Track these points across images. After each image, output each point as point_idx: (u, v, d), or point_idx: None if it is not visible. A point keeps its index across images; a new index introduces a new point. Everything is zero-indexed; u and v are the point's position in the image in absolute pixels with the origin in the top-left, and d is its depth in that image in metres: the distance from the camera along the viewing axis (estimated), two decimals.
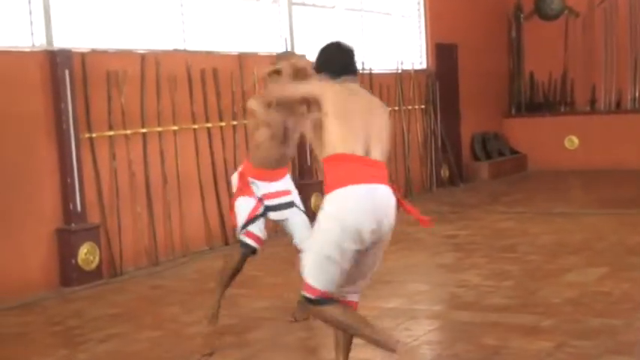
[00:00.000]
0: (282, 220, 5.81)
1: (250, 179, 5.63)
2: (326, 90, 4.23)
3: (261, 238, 5.63)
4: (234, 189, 5.78)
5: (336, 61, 4.46)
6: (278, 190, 5.72)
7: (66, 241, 7.52)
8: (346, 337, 4.26)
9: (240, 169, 5.78)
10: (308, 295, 4.02)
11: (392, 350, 4.02)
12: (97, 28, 8.27)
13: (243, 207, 5.60)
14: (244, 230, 5.55)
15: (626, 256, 7.53)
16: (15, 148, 7.26)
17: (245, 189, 5.64)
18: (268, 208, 5.67)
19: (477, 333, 5.45)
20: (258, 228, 5.60)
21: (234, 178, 5.79)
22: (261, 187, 5.64)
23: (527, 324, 5.56)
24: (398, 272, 7.56)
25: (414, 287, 6.99)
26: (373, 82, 11.92)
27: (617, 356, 4.87)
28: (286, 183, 5.82)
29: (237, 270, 5.63)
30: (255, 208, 5.60)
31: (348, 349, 4.31)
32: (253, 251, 5.60)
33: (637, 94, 14.99)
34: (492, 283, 6.84)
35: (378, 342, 4.08)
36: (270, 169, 5.67)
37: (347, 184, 3.98)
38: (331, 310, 4.05)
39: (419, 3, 13.54)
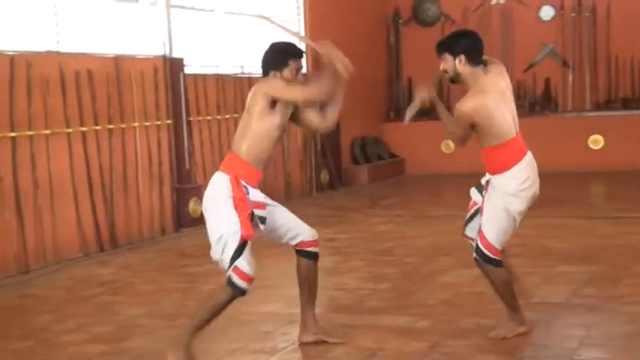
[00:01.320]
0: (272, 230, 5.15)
1: (243, 183, 4.84)
2: None
3: (252, 276, 4.86)
4: (222, 197, 4.82)
5: None
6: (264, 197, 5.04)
7: None
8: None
9: (228, 172, 4.88)
10: (494, 257, 5.07)
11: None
12: None
13: (232, 230, 4.74)
14: (233, 266, 4.78)
15: None
16: None
17: (242, 202, 4.79)
18: (260, 221, 4.95)
19: (354, 335, 5.49)
20: (247, 261, 4.82)
21: (223, 182, 4.85)
22: (252, 196, 4.89)
23: (404, 325, 5.65)
24: (276, 277, 7.55)
25: (292, 292, 6.97)
26: (252, 86, 11.86)
27: (488, 355, 4.99)
28: None
29: (219, 313, 4.95)
30: (247, 231, 4.79)
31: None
32: (243, 293, 4.86)
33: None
34: (370, 285, 6.93)
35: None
36: (260, 169, 5.00)
37: None
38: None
39: (299, 7, 13.61)
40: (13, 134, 8.13)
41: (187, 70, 10.61)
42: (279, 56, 5.08)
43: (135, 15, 10.15)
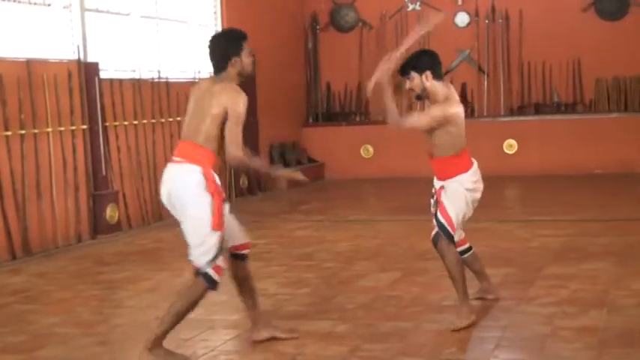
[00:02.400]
0: None
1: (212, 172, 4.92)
2: None
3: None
4: (199, 192, 4.85)
5: None
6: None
7: None
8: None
9: (196, 162, 4.89)
10: (451, 231, 5.58)
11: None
12: None
13: (211, 227, 4.85)
14: (213, 263, 4.91)
15: (417, 261, 7.85)
16: None
17: (218, 195, 4.88)
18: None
19: (274, 341, 5.49)
20: (222, 256, 5.00)
21: (195, 175, 4.86)
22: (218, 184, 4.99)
23: (323, 330, 5.68)
24: None
25: (211, 297, 6.93)
26: (170, 91, 11.84)
27: (407, 357, 5.07)
28: None
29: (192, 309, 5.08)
30: (223, 225, 4.93)
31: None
32: (216, 287, 5.01)
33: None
34: (289, 290, 6.94)
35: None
36: (216, 157, 5.05)
37: None
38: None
39: (215, 12, 13.57)
40: None
41: (103, 75, 10.45)
42: (235, 42, 5.16)
43: (48, 18, 9.97)
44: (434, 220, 5.69)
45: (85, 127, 10.13)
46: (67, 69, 9.89)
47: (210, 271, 4.90)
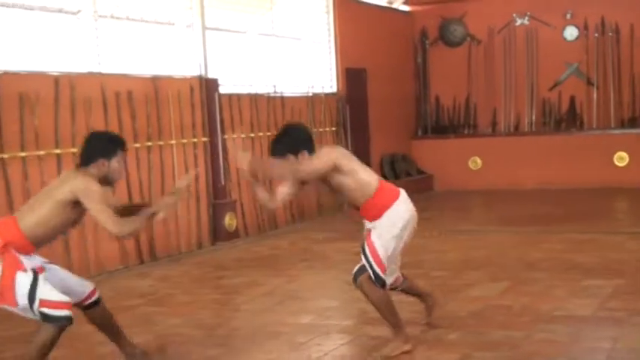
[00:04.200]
0: None
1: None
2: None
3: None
4: None
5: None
6: None
7: None
8: None
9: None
10: (382, 274, 5.17)
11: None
12: (11, 50, 8.11)
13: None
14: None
15: (526, 271, 7.71)
16: None
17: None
18: None
19: (385, 347, 5.49)
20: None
21: None
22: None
23: (434, 337, 5.63)
24: (307, 289, 7.59)
25: (325, 304, 7.01)
26: (285, 105, 12.00)
27: None
28: None
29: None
30: None
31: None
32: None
33: (533, 118, 15.46)
34: (400, 298, 6.87)
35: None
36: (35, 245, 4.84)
37: None
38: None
39: (329, 29, 13.64)
40: (57, 151, 8.25)
41: (222, 90, 10.68)
42: (111, 146, 4.91)
43: (172, 37, 10.25)
44: (362, 257, 5.25)
45: (205, 139, 10.36)
46: (189, 85, 10.15)
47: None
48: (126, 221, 4.80)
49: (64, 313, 4.55)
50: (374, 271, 5.16)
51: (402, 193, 5.34)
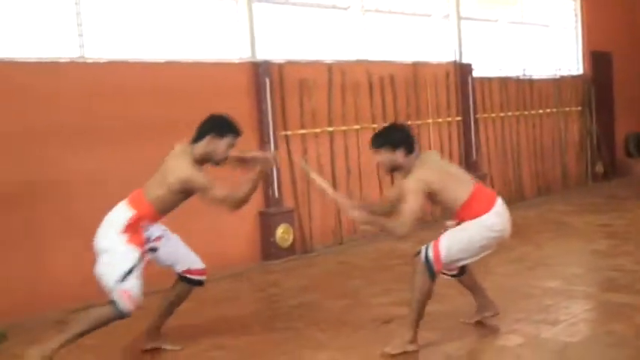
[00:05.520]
0: None
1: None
2: None
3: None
4: None
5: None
6: None
7: (266, 222, 7.69)
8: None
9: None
10: (435, 265, 4.54)
11: None
12: (292, 42, 8.41)
13: None
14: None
15: None
16: None
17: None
18: None
19: (632, 314, 5.11)
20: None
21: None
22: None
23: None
24: (556, 256, 7.26)
25: (570, 270, 6.68)
26: (533, 87, 11.55)
27: None
28: None
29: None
30: None
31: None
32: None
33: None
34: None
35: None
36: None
37: None
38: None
39: (576, 15, 12.94)
40: (330, 129, 8.46)
41: (475, 74, 10.45)
42: (225, 128, 4.75)
43: (430, 27, 10.18)
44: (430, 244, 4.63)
45: (459, 118, 10.20)
46: (445, 70, 10.02)
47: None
48: (234, 193, 4.68)
49: (128, 307, 4.39)
50: (428, 262, 4.56)
51: (497, 205, 4.71)
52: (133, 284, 4.37)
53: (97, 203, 4.97)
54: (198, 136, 4.71)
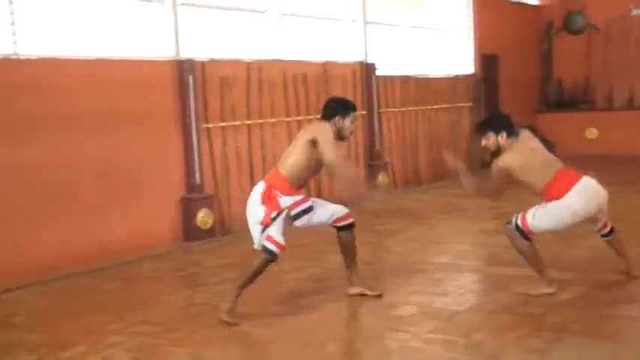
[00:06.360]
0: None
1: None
2: None
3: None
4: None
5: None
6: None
7: (187, 207, 7.64)
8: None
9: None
10: (523, 228, 5.00)
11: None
12: (214, 42, 8.33)
13: None
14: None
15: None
16: (152, 136, 7.38)
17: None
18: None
19: (512, 284, 5.32)
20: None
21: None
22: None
23: (553, 276, 5.34)
24: (448, 235, 7.47)
25: (460, 247, 6.88)
26: (430, 85, 11.79)
27: (624, 304, 4.70)
28: None
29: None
30: None
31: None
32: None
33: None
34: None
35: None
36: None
37: None
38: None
39: (469, 21, 13.23)
40: (248, 122, 8.43)
41: (378, 73, 10.58)
42: (346, 109, 5.01)
43: (339, 30, 10.24)
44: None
45: (364, 112, 10.32)
46: (352, 69, 10.11)
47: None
48: (345, 164, 4.95)
49: (276, 250, 4.73)
50: (517, 226, 5.01)
51: (580, 183, 4.96)
52: (274, 233, 4.73)
53: (26, 194, 4.86)
54: (327, 117, 4.96)
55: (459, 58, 13.02)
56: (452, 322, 4.58)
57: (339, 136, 4.96)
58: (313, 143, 4.80)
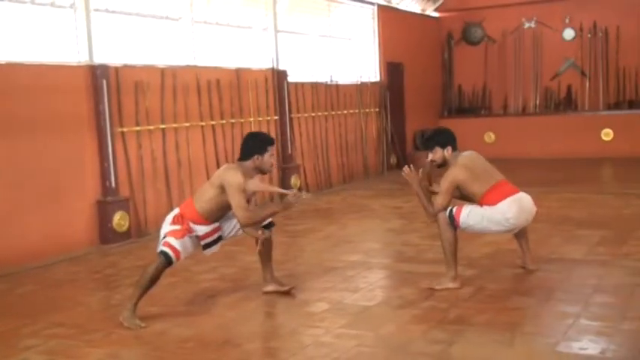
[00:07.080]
0: None
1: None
2: None
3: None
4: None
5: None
6: None
7: (103, 210, 7.47)
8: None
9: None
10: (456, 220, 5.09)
11: None
12: (128, 48, 8.18)
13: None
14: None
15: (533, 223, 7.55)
16: (66, 140, 7.18)
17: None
18: None
19: (417, 279, 5.47)
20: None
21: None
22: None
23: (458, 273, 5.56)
24: (358, 234, 7.58)
25: (370, 246, 7.01)
26: (339, 91, 11.94)
27: (522, 297, 4.92)
28: None
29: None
30: None
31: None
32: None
33: (537, 102, 15.11)
34: (428, 242, 6.85)
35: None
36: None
37: None
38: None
39: (374, 31, 13.47)
40: (162, 126, 8.32)
41: (290, 79, 10.64)
42: (262, 144, 4.94)
43: (251, 38, 10.23)
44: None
45: (276, 117, 10.36)
46: (264, 75, 10.13)
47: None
48: (253, 211, 4.86)
49: (171, 254, 4.73)
50: (451, 215, 5.14)
51: (516, 195, 5.18)
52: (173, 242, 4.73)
53: None
54: (244, 156, 4.90)
55: (365, 66, 13.23)
56: (362, 317, 4.66)
57: (261, 171, 4.96)
58: (223, 189, 4.78)
